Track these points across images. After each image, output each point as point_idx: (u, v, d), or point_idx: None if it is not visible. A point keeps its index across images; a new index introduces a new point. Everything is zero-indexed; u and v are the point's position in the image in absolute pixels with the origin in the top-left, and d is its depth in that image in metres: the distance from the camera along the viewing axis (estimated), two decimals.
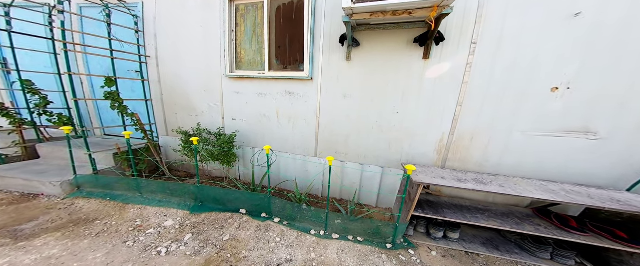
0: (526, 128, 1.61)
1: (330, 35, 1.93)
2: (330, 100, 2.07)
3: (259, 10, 2.19)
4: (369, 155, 2.06)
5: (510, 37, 1.51)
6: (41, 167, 2.16)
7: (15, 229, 1.53)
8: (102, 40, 2.38)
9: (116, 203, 1.89)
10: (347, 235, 1.57)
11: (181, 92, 2.53)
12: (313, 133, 2.23)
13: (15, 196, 1.88)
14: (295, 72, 2.13)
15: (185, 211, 1.81)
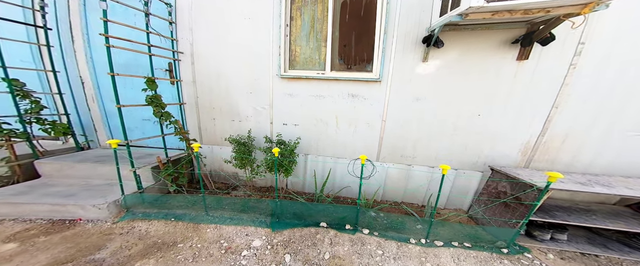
0: (627, 128, 1.63)
1: (405, 35, 1.78)
2: (399, 103, 1.93)
3: (319, 3, 1.92)
4: (440, 158, 1.98)
5: (626, 37, 1.48)
6: (59, 188, 1.63)
7: (93, 258, 1.20)
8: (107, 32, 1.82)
9: (185, 223, 1.54)
10: (451, 241, 1.46)
11: (221, 94, 2.13)
12: (376, 137, 2.06)
13: (44, 224, 1.43)
14: (362, 73, 1.94)
15: (265, 229, 1.54)
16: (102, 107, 2.20)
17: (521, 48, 1.61)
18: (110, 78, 1.61)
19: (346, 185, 2.20)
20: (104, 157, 2.00)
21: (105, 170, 1.80)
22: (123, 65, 2.06)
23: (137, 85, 2.17)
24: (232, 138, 2.02)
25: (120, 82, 2.15)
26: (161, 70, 2.06)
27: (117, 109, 1.63)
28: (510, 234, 1.41)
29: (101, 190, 1.67)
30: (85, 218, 1.49)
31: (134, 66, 2.07)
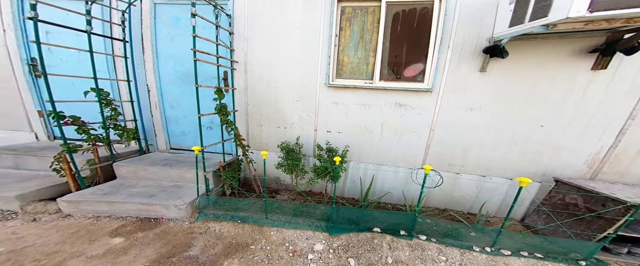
0: None
1: (461, 46, 1.74)
2: (450, 112, 1.89)
3: (369, 15, 1.93)
4: (493, 167, 1.91)
5: None
6: (138, 189, 1.80)
7: (188, 255, 1.33)
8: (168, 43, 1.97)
9: (250, 226, 1.64)
10: (519, 251, 1.41)
11: (270, 101, 2.21)
12: (423, 145, 2.03)
13: (134, 221, 1.59)
14: (412, 83, 1.92)
15: (323, 233, 1.59)
16: (162, 113, 2.36)
17: (599, 57, 1.51)
18: (195, 90, 1.79)
19: (387, 192, 2.18)
20: (167, 160, 2.16)
21: (172, 173, 1.95)
22: (185, 74, 2.21)
23: (194, 93, 2.20)
24: (282, 145, 2.09)
25: (179, 90, 2.35)
26: (217, 79, 2.17)
27: (172, 115, 1.74)
28: (585, 247, 1.33)
29: (173, 191, 1.81)
30: (166, 217, 1.63)
31: (193, 75, 2.20)
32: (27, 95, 2.25)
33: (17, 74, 2.18)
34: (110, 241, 1.36)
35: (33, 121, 2.33)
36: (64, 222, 1.52)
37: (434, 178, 1.83)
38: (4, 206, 1.57)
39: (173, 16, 2.09)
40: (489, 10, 1.66)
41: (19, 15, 2.07)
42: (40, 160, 1.93)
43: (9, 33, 2.09)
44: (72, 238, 1.37)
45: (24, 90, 2.22)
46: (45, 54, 2.21)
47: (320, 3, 1.93)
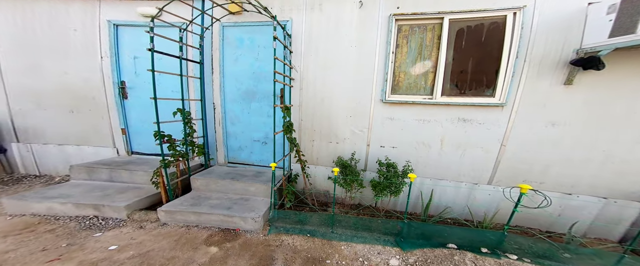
0: None
1: (541, 58, 1.63)
2: (526, 127, 1.75)
3: (428, 32, 1.90)
4: (580, 184, 1.72)
5: None
6: (214, 201, 1.93)
7: None
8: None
9: (319, 240, 1.65)
10: None
11: (323, 117, 2.25)
12: (491, 160, 1.89)
13: (217, 232, 1.69)
14: (480, 98, 1.82)
15: (394, 248, 1.54)
16: (224, 129, 2.53)
17: None
18: (266, 107, 2.07)
19: (446, 206, 2.04)
20: (229, 173, 2.28)
21: (237, 186, 2.05)
22: (245, 92, 2.36)
23: (252, 110, 2.46)
24: (339, 161, 2.08)
25: (239, 107, 2.48)
26: (277, 97, 2.28)
27: (232, 131, 1.82)
28: None
29: (243, 204, 1.90)
30: (243, 228, 1.71)
31: (252, 92, 2.34)
32: (114, 114, 2.57)
33: (108, 96, 2.51)
34: (208, 250, 1.45)
35: (116, 138, 2.63)
36: (165, 230, 1.67)
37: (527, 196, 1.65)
38: (114, 214, 1.78)
39: (237, 37, 2.27)
40: (574, 22, 1.54)
41: (114, 44, 2.41)
42: (130, 173, 2.17)
43: (105, 59, 2.43)
44: (179, 245, 1.50)
45: (112, 110, 2.54)
46: (131, 77, 2.58)
47: (376, 22, 1.96)
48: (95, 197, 1.87)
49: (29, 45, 2.40)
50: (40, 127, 2.60)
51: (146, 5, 2.23)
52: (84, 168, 2.20)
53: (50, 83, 2.47)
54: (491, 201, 1.95)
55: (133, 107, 2.53)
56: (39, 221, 1.70)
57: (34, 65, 2.44)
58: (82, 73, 2.44)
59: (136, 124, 2.58)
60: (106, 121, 2.54)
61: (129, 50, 2.41)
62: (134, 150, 2.63)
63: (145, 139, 2.60)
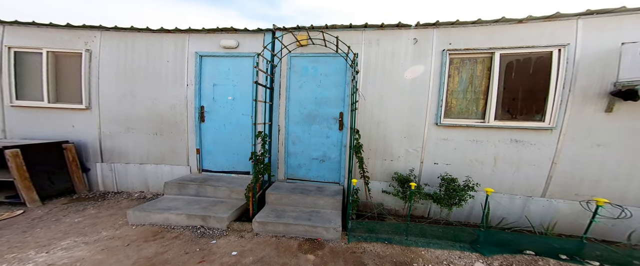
0: None
1: (584, 89, 1.94)
2: (574, 147, 2.04)
3: (479, 64, 2.24)
4: (628, 198, 1.97)
5: None
6: (293, 214, 2.23)
7: None
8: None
9: (397, 246, 1.92)
10: None
11: (379, 138, 2.59)
12: (543, 176, 2.18)
13: (302, 241, 1.97)
14: (531, 122, 2.14)
15: (473, 253, 1.79)
16: (286, 149, 2.88)
17: None
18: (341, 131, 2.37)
19: (501, 217, 2.27)
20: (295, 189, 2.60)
21: (308, 200, 2.36)
22: (307, 115, 2.73)
23: (312, 132, 2.79)
24: (398, 176, 2.37)
25: (301, 129, 2.84)
26: (334, 119, 2.60)
27: (293, 150, 2.10)
28: None
29: (317, 215, 2.21)
30: (324, 237, 2.01)
31: (313, 116, 2.67)
32: (191, 136, 2.99)
33: (189, 119, 2.94)
34: (307, 258, 1.74)
35: (191, 157, 3.04)
36: (261, 239, 1.97)
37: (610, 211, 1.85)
38: (217, 225, 2.13)
39: (303, 66, 2.68)
40: (611, 59, 1.86)
41: (198, 73, 2.84)
42: (214, 188, 2.54)
43: (190, 87, 2.88)
44: (280, 253, 1.77)
45: (190, 132, 2.97)
46: (209, 102, 3.01)
47: (430, 55, 2.33)
48: (198, 209, 2.22)
49: (127, 76, 2.88)
50: (124, 148, 3.05)
51: (228, 38, 2.72)
52: (176, 185, 2.59)
53: (141, 108, 2.94)
54: (545, 212, 2.21)
55: (208, 129, 2.94)
56: (160, 229, 2.06)
57: (129, 94, 2.91)
58: (169, 100, 2.89)
59: (209, 145, 3.00)
60: (184, 142, 2.96)
61: (210, 78, 2.86)
62: (204, 168, 3.03)
63: (214, 158, 3.01)
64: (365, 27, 2.49)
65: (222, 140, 2.96)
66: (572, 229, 2.15)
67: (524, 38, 2.08)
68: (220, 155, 3.00)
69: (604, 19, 1.91)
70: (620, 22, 1.88)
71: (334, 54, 2.56)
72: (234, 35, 2.73)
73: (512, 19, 2.08)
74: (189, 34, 2.78)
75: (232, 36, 2.72)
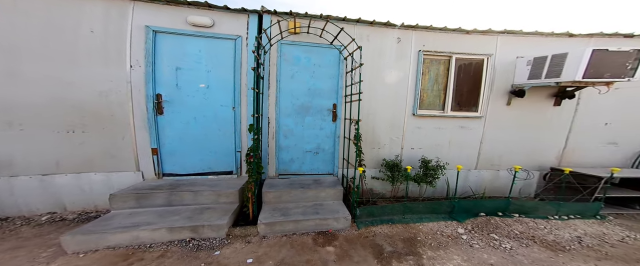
0: (603, 142, 2.94)
1: (497, 88, 2.83)
2: (491, 131, 2.97)
3: (442, 65, 2.79)
4: (514, 162, 2.96)
5: (594, 98, 2.72)
6: (297, 210, 2.15)
7: (395, 251, 1.77)
8: None
9: (399, 225, 2.20)
10: (568, 215, 2.39)
11: (368, 128, 2.83)
12: (475, 154, 3.04)
13: (314, 235, 1.95)
14: (470, 112, 2.88)
15: (452, 222, 2.28)
16: (277, 143, 2.63)
17: (556, 99, 2.82)
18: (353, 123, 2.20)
19: (452, 187, 2.99)
20: (294, 184, 2.48)
21: (309, 194, 2.33)
22: (300, 107, 2.60)
23: (306, 124, 2.71)
24: (386, 162, 2.67)
25: (293, 121, 2.77)
26: (326, 110, 2.57)
27: (284, 144, 2.11)
28: (590, 207, 2.41)
29: (322, 208, 2.22)
30: (335, 228, 2.07)
31: (307, 107, 2.54)
32: (141, 133, 2.25)
33: (136, 111, 2.18)
34: (327, 250, 1.76)
35: (142, 160, 2.30)
36: (271, 241, 1.82)
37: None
38: (213, 234, 1.78)
39: (295, 56, 2.51)
40: (511, 68, 2.78)
41: (151, 53, 2.11)
42: (194, 194, 2.08)
43: (137, 69, 2.12)
44: (299, 251, 1.71)
45: (140, 128, 2.18)
46: (171, 91, 2.45)
47: (409, 55, 2.75)
48: (182, 220, 1.82)
49: (3, 46, 1.83)
50: (6, 154, 1.98)
51: (200, 15, 2.19)
52: (132, 196, 1.97)
53: (38, 94, 1.96)
54: (477, 181, 3.15)
55: (169, 124, 2.30)
56: (131, 251, 1.59)
57: (7, 72, 1.87)
58: (97, 84, 2.07)
59: (172, 143, 2.40)
60: (128, 141, 2.22)
61: (170, 60, 2.24)
62: (166, 172, 2.41)
63: (182, 159, 2.45)
64: (357, 22, 2.60)
65: (193, 137, 2.43)
66: (493, 191, 3.14)
67: (469, 46, 2.80)
68: (191, 154, 2.46)
69: (509, 38, 2.83)
70: (517, 41, 2.85)
71: (328, 46, 2.56)
72: (209, 12, 2.22)
73: (464, 30, 2.73)
74: (133, 1, 2.06)
75: (205, 13, 2.21)
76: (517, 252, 1.78)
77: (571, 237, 2.03)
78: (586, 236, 2.05)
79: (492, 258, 1.69)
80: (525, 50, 2.82)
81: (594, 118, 3.00)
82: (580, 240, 2.00)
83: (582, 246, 1.89)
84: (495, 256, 1.72)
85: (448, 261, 1.65)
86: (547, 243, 1.92)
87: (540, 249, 1.84)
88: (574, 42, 2.82)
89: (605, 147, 3.09)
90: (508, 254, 1.75)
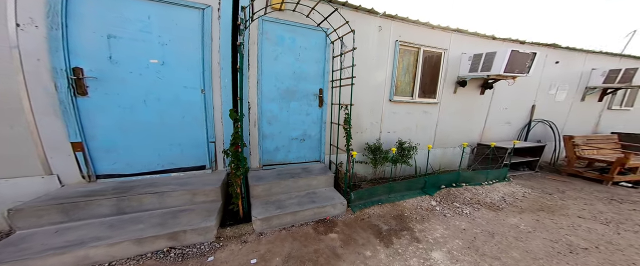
0: (503, 121, 3.98)
1: (448, 79, 3.46)
2: (443, 115, 3.66)
3: (412, 55, 3.12)
4: (457, 141, 3.91)
5: (501, 90, 3.66)
6: (293, 200, 2.04)
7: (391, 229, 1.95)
8: None
9: (387, 204, 2.43)
10: (492, 181, 3.26)
11: (354, 113, 2.95)
12: (433, 135, 3.66)
13: (313, 224, 1.92)
14: (430, 99, 3.40)
15: (425, 196, 2.72)
16: (260, 130, 2.28)
17: (482, 89, 3.69)
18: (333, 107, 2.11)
19: (419, 166, 3.55)
20: (282, 174, 2.32)
21: (301, 183, 2.26)
22: (285, 91, 2.36)
23: (291, 109, 2.57)
24: (368, 146, 2.84)
25: (277, 107, 2.59)
26: (313, 95, 2.44)
27: (268, 132, 2.03)
28: (501, 172, 3.32)
29: (316, 196, 2.21)
30: (332, 215, 2.10)
31: (292, 92, 2.32)
32: (49, 121, 1.48)
33: (38, 92, 1.39)
34: (330, 237, 1.78)
35: (55, 159, 1.54)
36: (271, 237, 1.67)
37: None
38: (199, 239, 1.48)
39: (278, 35, 2.21)
40: (458, 62, 3.39)
41: (61, 9, 1.37)
42: (160, 196, 1.62)
43: (31, 31, 1.32)
44: (303, 242, 1.65)
45: (44, 115, 1.40)
46: (101, 65, 1.81)
47: (388, 43, 2.94)
48: (152, 228, 1.44)
49: None
50: None
51: None
52: (54, 208, 1.36)
53: None
54: (434, 158, 3.87)
55: (102, 109, 1.69)
56: None
57: None
58: None
59: (109, 135, 1.76)
60: (23, 132, 1.46)
61: (98, 24, 1.57)
62: (104, 173, 1.77)
63: (129, 155, 1.87)
64: (343, 5, 2.55)
65: (144, 126, 1.89)
66: (444, 166, 3.95)
67: (433, 40, 3.27)
68: (142, 149, 1.92)
69: (459, 36, 3.47)
70: (463, 40, 3.53)
71: (314, 28, 2.43)
72: None
73: (431, 25, 3.14)
74: None
75: None
76: (474, 216, 2.31)
77: (499, 198, 2.81)
78: (506, 196, 2.89)
79: (462, 224, 2.12)
80: (467, 47, 3.53)
81: (499, 104, 4.13)
82: (504, 199, 2.80)
83: (507, 204, 2.64)
84: (464, 222, 2.15)
85: (434, 231, 1.97)
86: (488, 205, 2.59)
87: (487, 211, 2.44)
88: (495, 44, 3.69)
89: (504, 125, 4.37)
90: (470, 218, 2.25)
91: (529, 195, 2.91)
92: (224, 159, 2.23)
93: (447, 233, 1.92)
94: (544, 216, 2.31)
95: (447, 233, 1.92)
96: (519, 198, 2.81)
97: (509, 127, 4.46)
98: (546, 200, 2.76)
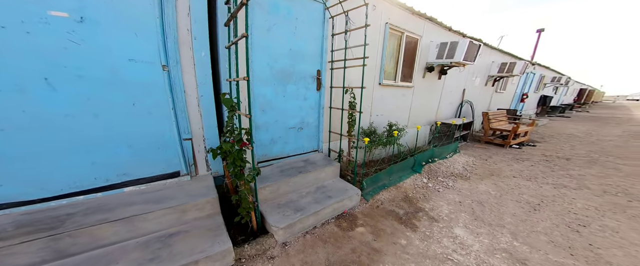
0: (448, 102, 4.90)
1: (421, 64, 3.77)
2: (416, 97, 4.08)
3: (397, 39, 3.21)
4: (423, 122, 4.48)
5: (453, 74, 4.47)
6: (308, 199, 1.79)
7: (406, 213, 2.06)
8: None
9: (392, 187, 2.55)
10: (452, 155, 3.94)
11: (347, 97, 2.65)
12: (407, 114, 4.09)
13: (335, 220, 1.80)
14: (408, 83, 3.75)
15: (416, 174, 3.08)
16: (253, 120, 1.69)
17: (440, 74, 4.35)
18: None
19: (401, 144, 3.96)
20: (286, 171, 1.99)
21: (309, 178, 2.05)
22: (280, 71, 1.93)
23: (289, 94, 2.17)
24: (364, 130, 2.83)
25: (272, 91, 2.17)
26: (313, 78, 2.10)
27: (262, 121, 1.84)
28: (454, 146, 4.15)
29: (327, 191, 2.05)
30: (348, 207, 2.01)
31: (289, 73, 1.90)
32: None
33: None
34: (358, 231, 1.71)
35: None
36: (298, 245, 1.46)
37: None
38: (222, 262, 1.12)
39: (272, 2, 1.66)
40: (427, 49, 3.74)
41: None
42: (126, 222, 1.05)
43: None
44: (334, 243, 1.52)
45: None
46: None
47: (380, 25, 2.92)
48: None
49: None
50: None
51: None
52: None
53: None
54: (408, 137, 4.35)
55: None
56: None
57: None
58: None
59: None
60: None
61: None
62: None
63: (25, 171, 1.09)
64: None
65: (53, 120, 1.11)
66: (413, 144, 4.58)
67: (413, 27, 3.51)
68: (59, 157, 1.15)
69: (430, 24, 3.87)
70: (433, 28, 3.98)
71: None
72: None
73: (413, 10, 3.30)
74: None
75: None
76: (456, 186, 2.75)
77: (462, 168, 3.54)
78: (467, 166, 3.68)
79: (455, 197, 2.45)
80: (435, 36, 4.02)
81: (447, 88, 5.16)
82: (466, 169, 3.55)
83: (470, 173, 3.32)
84: (456, 195, 2.50)
85: (441, 208, 2.18)
86: (459, 176, 3.19)
87: (462, 181, 2.95)
88: (451, 35, 4.33)
89: (448, 105, 5.55)
90: (456, 190, 2.63)
91: (476, 163, 3.78)
92: (207, 160, 1.69)
93: (451, 208, 2.15)
94: (496, 180, 2.96)
95: (451, 208, 2.16)
96: (472, 166, 3.61)
97: (451, 107, 5.64)
98: (488, 165, 3.62)
